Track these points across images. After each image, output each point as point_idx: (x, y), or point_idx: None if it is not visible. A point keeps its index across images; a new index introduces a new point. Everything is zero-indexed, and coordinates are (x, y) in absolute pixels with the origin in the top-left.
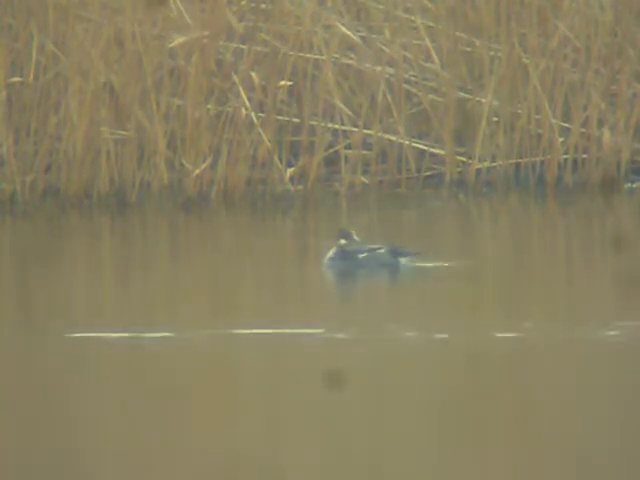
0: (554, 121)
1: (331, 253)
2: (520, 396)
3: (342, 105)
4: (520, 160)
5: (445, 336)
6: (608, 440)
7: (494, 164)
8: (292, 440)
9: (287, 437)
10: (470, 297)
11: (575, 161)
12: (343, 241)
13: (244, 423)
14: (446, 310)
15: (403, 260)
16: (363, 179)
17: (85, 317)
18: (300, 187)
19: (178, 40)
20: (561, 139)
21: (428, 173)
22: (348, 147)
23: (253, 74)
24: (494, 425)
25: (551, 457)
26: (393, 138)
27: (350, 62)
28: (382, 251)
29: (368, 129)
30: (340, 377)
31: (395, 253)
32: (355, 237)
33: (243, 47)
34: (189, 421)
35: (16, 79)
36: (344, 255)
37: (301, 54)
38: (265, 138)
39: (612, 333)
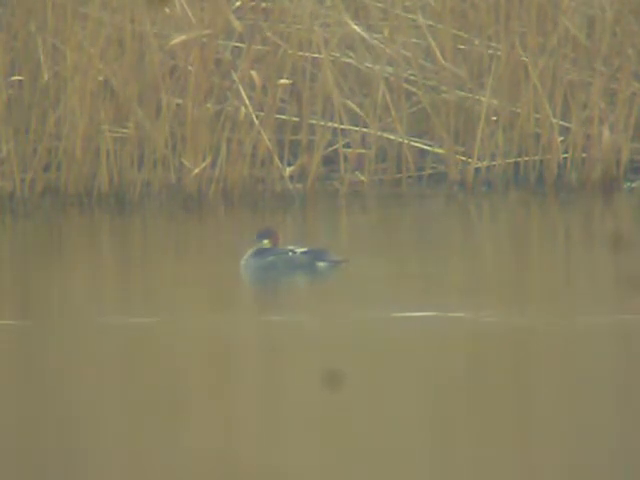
0: (554, 120)
1: (248, 254)
2: (516, 382)
3: (341, 104)
4: (519, 159)
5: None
6: (605, 425)
7: (493, 163)
8: (287, 433)
9: (283, 428)
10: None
11: (575, 160)
12: (266, 242)
13: (241, 414)
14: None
15: (322, 264)
16: (362, 178)
17: (84, 313)
18: (299, 186)
19: (178, 39)
20: (561, 138)
21: (428, 172)
22: (347, 146)
23: (253, 73)
24: (493, 417)
25: (550, 446)
26: (392, 137)
27: (349, 61)
28: (297, 253)
29: (367, 128)
30: (336, 369)
31: (315, 257)
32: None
33: (243, 46)
34: (189, 415)
35: (16, 77)
36: (259, 256)
37: (300, 53)
38: (265, 137)
39: (607, 325)
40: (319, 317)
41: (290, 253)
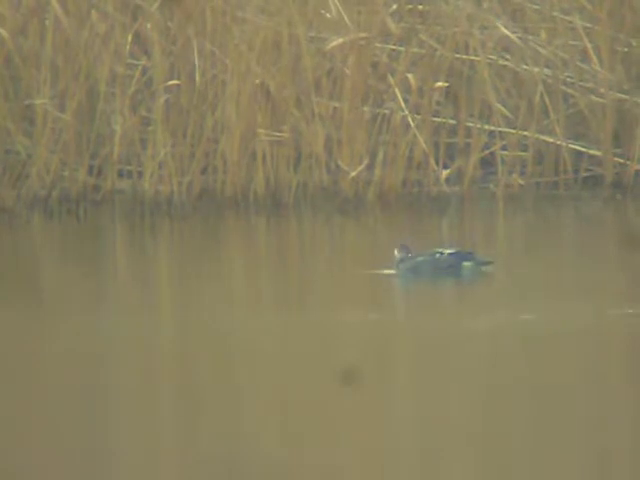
0: None
1: (399, 256)
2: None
3: (498, 106)
4: None
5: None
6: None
7: None
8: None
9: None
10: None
11: None
12: (396, 253)
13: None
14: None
15: (467, 265)
16: (519, 180)
17: (238, 314)
18: (456, 188)
19: (334, 42)
20: None
21: (585, 174)
22: (504, 148)
23: (409, 76)
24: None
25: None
26: (550, 139)
27: (506, 63)
28: (444, 255)
29: (524, 130)
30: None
31: (461, 258)
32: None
33: (399, 49)
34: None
35: (174, 82)
36: (409, 259)
37: (457, 55)
38: (421, 140)
39: None
40: (467, 319)
41: (437, 255)
